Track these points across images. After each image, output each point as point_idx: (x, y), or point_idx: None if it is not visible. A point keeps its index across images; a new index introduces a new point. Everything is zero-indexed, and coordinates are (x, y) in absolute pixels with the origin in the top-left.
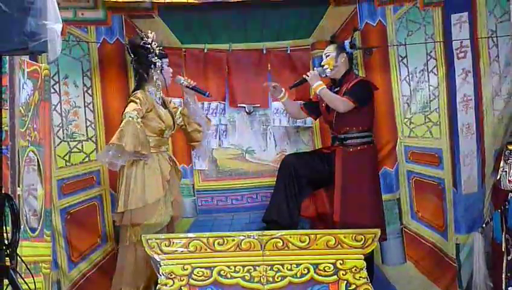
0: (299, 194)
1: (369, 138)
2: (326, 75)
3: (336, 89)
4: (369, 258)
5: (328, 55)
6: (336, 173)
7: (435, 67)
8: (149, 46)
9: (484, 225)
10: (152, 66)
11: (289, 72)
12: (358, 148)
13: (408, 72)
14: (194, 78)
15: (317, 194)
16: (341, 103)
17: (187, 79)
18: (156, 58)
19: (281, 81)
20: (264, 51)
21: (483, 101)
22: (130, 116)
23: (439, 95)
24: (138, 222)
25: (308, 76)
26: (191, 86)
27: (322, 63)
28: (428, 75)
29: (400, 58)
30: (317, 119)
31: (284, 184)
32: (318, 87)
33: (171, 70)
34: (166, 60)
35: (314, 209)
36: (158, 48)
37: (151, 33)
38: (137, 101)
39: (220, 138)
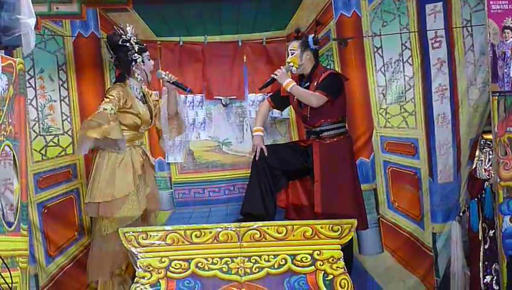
0: (274, 185)
1: (343, 128)
2: (292, 73)
3: (306, 84)
4: (348, 248)
5: (293, 53)
6: (315, 166)
7: (410, 57)
8: (128, 44)
9: (461, 214)
10: (133, 62)
11: (265, 64)
12: (335, 139)
13: (383, 62)
14: (170, 71)
15: (292, 185)
16: (314, 98)
17: (168, 73)
18: (136, 55)
19: (257, 73)
20: (240, 43)
21: (459, 91)
22: (103, 108)
23: (414, 85)
24: (105, 215)
25: (276, 75)
26: (171, 81)
27: (287, 60)
28: (403, 66)
29: (375, 49)
30: (294, 112)
31: (257, 177)
32: (288, 85)
33: (152, 63)
34: (147, 53)
35: (288, 199)
36: (137, 43)
37: (129, 27)
38: (111, 97)
39: (197, 131)
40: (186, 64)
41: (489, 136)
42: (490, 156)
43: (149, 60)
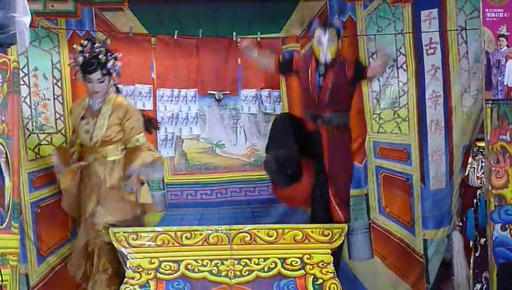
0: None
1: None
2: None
3: (323, 72)
4: (336, 252)
5: (333, 40)
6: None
7: (404, 63)
8: (78, 66)
9: (461, 224)
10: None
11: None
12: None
13: None
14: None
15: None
16: None
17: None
18: (80, 76)
19: (250, 68)
20: (235, 39)
21: (452, 98)
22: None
23: (408, 91)
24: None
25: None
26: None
27: (326, 48)
28: (397, 71)
29: (370, 54)
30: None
31: None
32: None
33: (97, 89)
34: (91, 76)
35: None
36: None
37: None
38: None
39: (190, 125)
40: (180, 58)
41: (482, 144)
42: (483, 164)
43: (90, 82)
